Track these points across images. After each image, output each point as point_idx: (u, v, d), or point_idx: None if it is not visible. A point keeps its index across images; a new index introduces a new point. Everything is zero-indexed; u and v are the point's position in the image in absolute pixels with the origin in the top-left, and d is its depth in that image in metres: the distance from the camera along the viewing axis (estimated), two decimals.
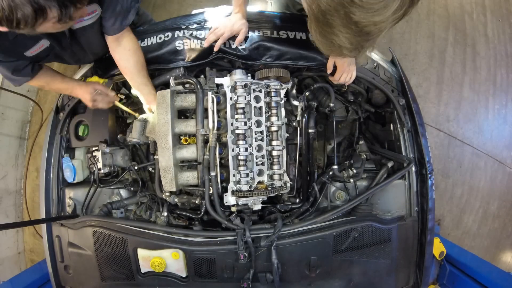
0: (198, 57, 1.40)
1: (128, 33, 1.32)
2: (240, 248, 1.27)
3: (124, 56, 1.33)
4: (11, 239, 2.87)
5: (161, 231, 1.40)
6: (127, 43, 1.32)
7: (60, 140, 1.60)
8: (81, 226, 1.46)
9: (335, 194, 1.59)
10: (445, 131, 3.14)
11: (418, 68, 3.09)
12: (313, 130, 1.46)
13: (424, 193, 1.48)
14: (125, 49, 1.32)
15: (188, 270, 1.40)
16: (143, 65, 1.38)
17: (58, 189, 1.59)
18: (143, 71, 1.38)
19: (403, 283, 1.54)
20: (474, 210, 3.28)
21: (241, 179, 1.32)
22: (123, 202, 1.57)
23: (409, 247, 1.50)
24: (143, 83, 1.39)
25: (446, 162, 3.16)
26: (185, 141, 1.45)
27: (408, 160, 1.48)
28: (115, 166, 1.58)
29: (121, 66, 1.36)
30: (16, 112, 2.85)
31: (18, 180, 2.94)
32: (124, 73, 1.38)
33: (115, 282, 1.48)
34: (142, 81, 1.38)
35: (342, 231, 1.38)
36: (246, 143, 1.34)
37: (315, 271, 1.39)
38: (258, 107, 1.36)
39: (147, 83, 1.40)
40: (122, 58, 1.34)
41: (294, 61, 1.38)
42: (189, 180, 1.41)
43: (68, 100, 1.59)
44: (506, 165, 3.33)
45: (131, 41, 1.34)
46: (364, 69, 1.47)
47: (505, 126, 3.31)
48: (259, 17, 1.50)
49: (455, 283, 1.82)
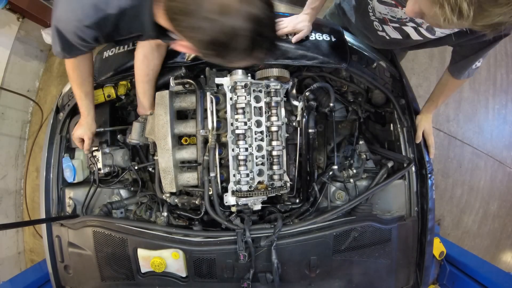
0: (198, 56, 1.40)
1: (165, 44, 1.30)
2: (240, 248, 1.27)
3: (154, 61, 1.31)
4: (11, 239, 2.87)
5: (161, 231, 1.39)
6: (164, 51, 1.32)
7: (60, 140, 1.60)
8: (81, 226, 1.46)
9: (335, 194, 1.59)
10: (445, 131, 3.15)
11: (418, 68, 3.09)
12: (313, 130, 1.46)
13: (424, 193, 1.48)
14: (161, 55, 1.31)
15: (188, 270, 1.40)
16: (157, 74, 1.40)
17: (58, 189, 1.59)
18: (155, 80, 1.40)
19: (403, 283, 1.54)
20: (474, 210, 3.29)
21: (241, 179, 1.32)
22: (123, 202, 1.57)
23: (409, 247, 1.50)
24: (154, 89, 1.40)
25: (446, 162, 3.17)
26: (185, 141, 1.45)
27: (408, 160, 1.48)
28: (115, 166, 1.57)
29: (146, 69, 1.33)
30: (16, 112, 2.86)
31: (18, 180, 2.94)
32: (145, 75, 1.35)
33: (115, 282, 1.48)
34: (154, 86, 1.40)
35: (342, 231, 1.38)
36: (246, 143, 1.34)
37: (315, 271, 1.39)
38: (258, 107, 1.36)
39: (154, 90, 1.41)
40: (152, 62, 1.31)
41: (294, 60, 1.38)
42: (189, 181, 1.41)
43: (68, 100, 1.59)
44: (506, 165, 3.33)
45: (165, 50, 1.33)
46: (364, 69, 1.47)
47: (505, 126, 3.32)
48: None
49: (455, 283, 1.82)
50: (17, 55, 2.74)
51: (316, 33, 1.44)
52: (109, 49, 1.49)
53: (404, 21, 1.18)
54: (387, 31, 1.30)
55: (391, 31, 1.29)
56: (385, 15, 1.21)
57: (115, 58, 1.46)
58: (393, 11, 1.15)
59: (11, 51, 2.68)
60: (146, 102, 1.42)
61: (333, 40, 1.44)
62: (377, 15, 1.26)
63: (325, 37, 1.44)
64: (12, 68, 2.69)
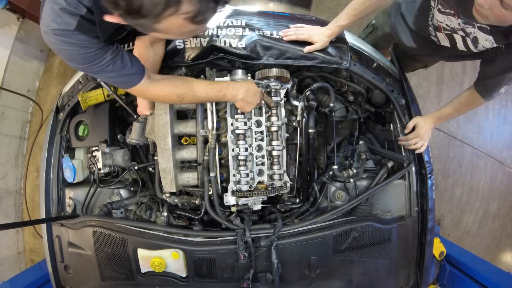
0: (198, 56, 1.39)
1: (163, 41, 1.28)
2: (240, 248, 1.27)
3: (152, 60, 1.28)
4: (11, 239, 2.87)
5: (161, 231, 1.39)
6: (160, 49, 1.29)
7: (60, 140, 1.60)
8: (81, 226, 1.46)
9: (335, 194, 1.59)
10: (445, 131, 3.15)
11: None
12: (313, 130, 1.46)
13: (424, 193, 1.48)
14: (157, 54, 1.29)
15: (188, 270, 1.40)
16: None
17: (58, 189, 1.58)
18: None
19: (403, 283, 1.54)
20: (474, 210, 3.29)
21: (241, 179, 1.32)
22: (123, 202, 1.57)
23: (409, 247, 1.50)
24: None
25: (446, 162, 3.17)
26: (185, 141, 1.45)
27: (408, 160, 1.48)
28: (115, 166, 1.57)
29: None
30: (16, 112, 2.85)
31: (18, 180, 2.94)
32: None
33: (115, 282, 1.48)
34: None
35: (342, 231, 1.38)
36: (246, 143, 1.34)
37: (315, 271, 1.39)
38: (258, 107, 1.36)
39: None
40: (149, 61, 1.28)
41: (294, 60, 1.38)
42: (189, 180, 1.41)
43: (68, 100, 1.59)
44: (506, 165, 3.33)
45: (163, 48, 1.30)
46: (364, 69, 1.47)
47: (505, 126, 3.32)
48: (259, 16, 1.50)
49: (455, 283, 1.82)
50: (17, 55, 2.73)
51: None
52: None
53: (456, 29, 1.21)
54: (439, 37, 1.32)
55: (443, 38, 1.31)
56: (441, 23, 1.24)
57: None
58: (450, 20, 1.18)
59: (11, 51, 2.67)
60: (146, 102, 1.42)
61: (333, 40, 1.44)
62: (434, 22, 1.28)
63: None
64: (12, 68, 2.69)
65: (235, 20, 1.44)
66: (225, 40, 1.37)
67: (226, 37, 1.37)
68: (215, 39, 1.37)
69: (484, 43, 1.16)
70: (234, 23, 1.43)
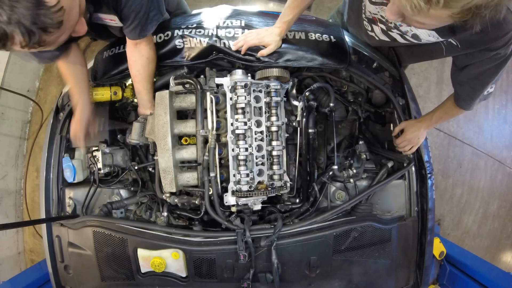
0: (198, 56, 1.40)
1: (148, 42, 1.29)
2: (240, 248, 1.27)
3: (140, 61, 1.31)
4: (11, 239, 2.87)
5: (161, 231, 1.40)
6: (145, 51, 1.30)
7: (60, 140, 1.60)
8: (81, 226, 1.46)
9: (335, 194, 1.59)
10: (445, 131, 3.15)
11: (418, 68, 3.08)
12: (313, 130, 1.46)
13: (424, 193, 1.48)
14: (142, 56, 1.30)
15: (188, 270, 1.40)
16: (153, 73, 1.39)
17: (58, 189, 1.58)
18: (151, 79, 1.39)
19: (403, 283, 1.54)
20: (474, 210, 3.29)
21: (241, 179, 1.32)
22: (123, 202, 1.57)
23: (409, 247, 1.50)
24: (147, 89, 1.39)
25: (446, 162, 3.17)
26: (185, 141, 1.45)
27: (408, 160, 1.48)
28: (115, 166, 1.57)
29: (133, 69, 1.35)
30: (16, 112, 2.85)
31: (18, 180, 2.94)
32: (134, 75, 1.37)
33: (115, 282, 1.48)
34: (147, 87, 1.39)
35: (342, 231, 1.38)
36: (246, 143, 1.34)
37: (315, 271, 1.39)
38: (258, 107, 1.36)
39: (150, 91, 1.41)
40: (137, 63, 1.32)
41: (294, 61, 1.38)
42: (189, 181, 1.41)
43: (68, 100, 1.59)
44: (506, 165, 3.33)
45: (150, 50, 1.31)
46: (364, 69, 1.47)
47: (505, 126, 3.32)
48: (258, 17, 1.50)
49: (455, 283, 1.82)
50: (17, 55, 2.73)
51: (316, 34, 1.44)
52: (109, 49, 1.49)
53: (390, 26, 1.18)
54: (376, 32, 1.30)
55: (380, 33, 1.28)
56: (375, 14, 1.20)
57: (114, 58, 1.46)
58: (383, 10, 1.13)
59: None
60: (144, 102, 1.42)
61: (333, 40, 1.44)
62: (367, 15, 1.25)
63: (324, 37, 1.44)
64: (12, 68, 2.69)
65: (234, 21, 1.44)
66: (224, 42, 1.37)
67: (226, 39, 1.38)
68: (215, 40, 1.38)
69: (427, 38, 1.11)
70: (234, 24, 1.43)
